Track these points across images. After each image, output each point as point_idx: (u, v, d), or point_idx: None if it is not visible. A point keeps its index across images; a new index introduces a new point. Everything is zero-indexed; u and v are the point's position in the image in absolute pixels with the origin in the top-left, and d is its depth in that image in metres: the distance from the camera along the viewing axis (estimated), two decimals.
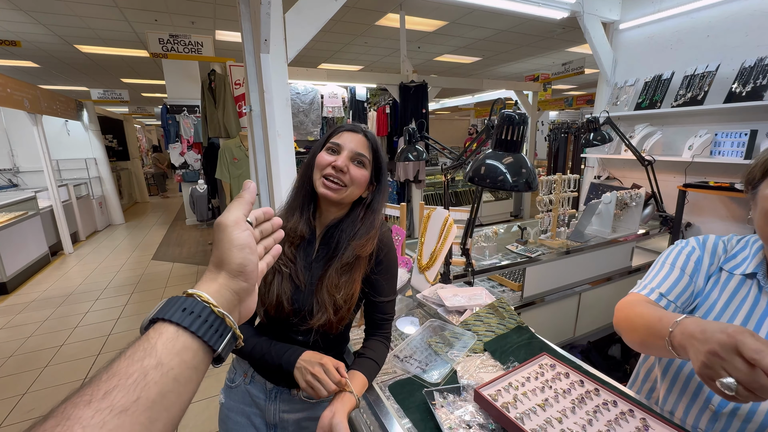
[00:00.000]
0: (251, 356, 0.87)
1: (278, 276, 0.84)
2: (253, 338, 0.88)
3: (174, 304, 0.37)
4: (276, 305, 0.84)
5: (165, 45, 4.02)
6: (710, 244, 0.84)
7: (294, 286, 0.85)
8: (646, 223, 2.43)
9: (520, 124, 0.83)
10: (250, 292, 0.43)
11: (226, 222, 0.41)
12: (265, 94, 1.48)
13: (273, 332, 0.90)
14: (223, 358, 0.39)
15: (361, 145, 0.85)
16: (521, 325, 1.12)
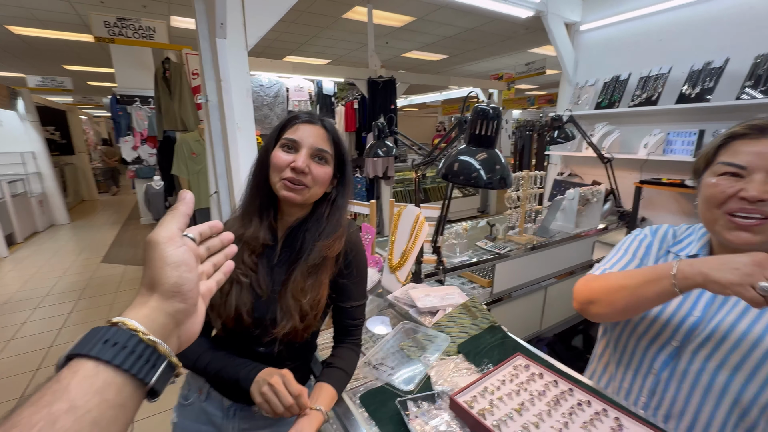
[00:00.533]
0: (206, 372, 0.79)
1: (236, 287, 0.76)
2: (209, 353, 0.80)
3: (94, 336, 0.32)
4: (235, 318, 0.76)
5: (112, 29, 3.68)
6: (661, 231, 0.91)
7: (255, 295, 0.78)
8: (605, 218, 2.54)
9: (494, 119, 0.80)
10: (190, 314, 0.39)
11: (157, 238, 0.37)
12: (223, 83, 1.36)
13: (232, 345, 0.82)
14: (158, 391, 0.35)
15: (321, 139, 0.77)
16: (494, 324, 1.10)
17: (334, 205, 0.83)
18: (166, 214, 0.40)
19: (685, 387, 0.72)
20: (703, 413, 0.70)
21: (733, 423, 0.67)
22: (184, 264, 0.37)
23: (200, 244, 0.44)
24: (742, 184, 0.67)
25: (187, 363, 0.79)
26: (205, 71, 1.49)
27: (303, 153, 0.75)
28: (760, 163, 0.66)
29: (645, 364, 0.79)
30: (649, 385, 0.78)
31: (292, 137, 0.75)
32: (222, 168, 1.56)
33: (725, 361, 0.68)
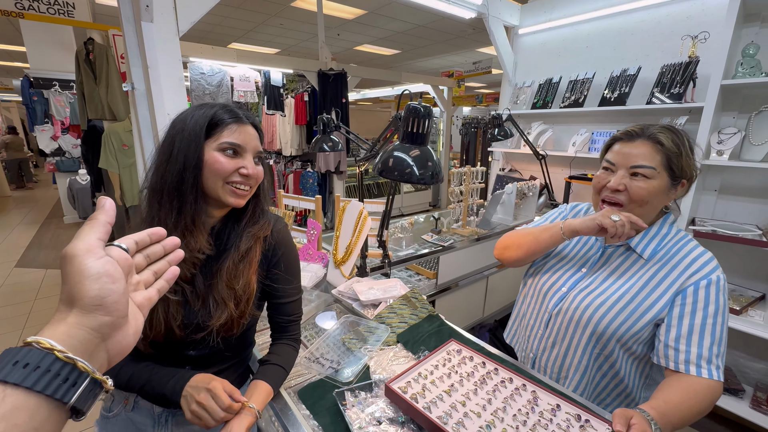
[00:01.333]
0: (129, 388, 0.74)
1: (162, 304, 0.71)
2: (129, 366, 0.75)
3: (4, 359, 0.31)
4: (165, 333, 0.72)
5: (20, 2, 3.24)
6: (577, 208, 1.13)
7: (187, 306, 0.75)
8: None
9: (425, 117, 0.83)
10: (118, 327, 0.37)
11: (74, 251, 0.35)
12: (150, 70, 1.26)
13: (159, 355, 0.78)
14: (82, 410, 0.33)
15: (257, 140, 0.77)
16: (432, 313, 1.15)
17: (258, 194, 0.82)
18: (84, 224, 0.38)
19: (566, 319, 0.96)
20: (574, 338, 0.94)
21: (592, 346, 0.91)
22: (106, 275, 0.35)
23: (139, 252, 0.42)
24: (610, 177, 0.89)
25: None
26: (131, 57, 1.37)
27: (249, 158, 0.74)
28: (623, 161, 0.87)
29: (543, 305, 1.02)
30: (545, 319, 1.01)
31: (235, 141, 0.72)
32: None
33: (592, 302, 0.91)
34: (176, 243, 0.46)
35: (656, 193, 0.85)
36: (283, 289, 0.85)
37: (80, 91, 3.51)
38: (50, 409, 0.31)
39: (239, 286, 0.76)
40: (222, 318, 0.74)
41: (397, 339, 1.04)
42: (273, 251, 0.84)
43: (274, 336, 0.89)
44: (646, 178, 0.84)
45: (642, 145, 0.85)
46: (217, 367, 0.84)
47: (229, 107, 0.75)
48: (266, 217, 0.83)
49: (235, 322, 0.77)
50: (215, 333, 0.75)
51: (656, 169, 0.84)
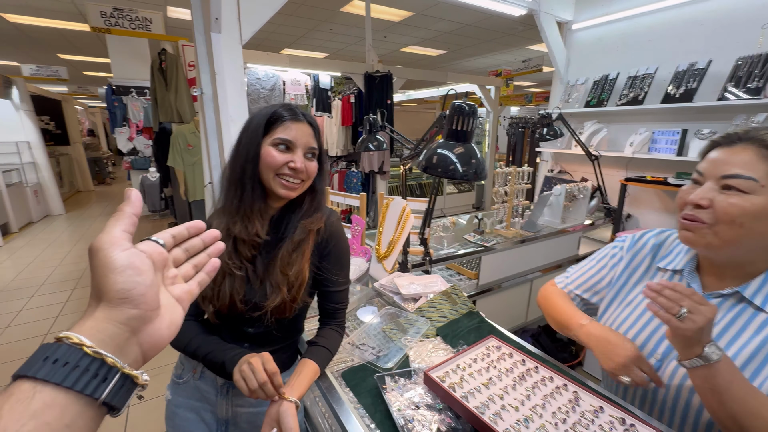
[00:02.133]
0: (195, 356, 0.84)
1: (229, 278, 0.81)
2: (199, 337, 0.85)
3: (38, 355, 0.30)
4: (229, 306, 0.82)
5: (108, 19, 3.68)
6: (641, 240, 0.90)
7: (248, 283, 0.83)
8: (592, 214, 2.60)
9: (470, 115, 0.85)
10: (148, 320, 0.36)
11: (98, 244, 0.34)
12: (217, 76, 1.41)
13: (223, 328, 0.88)
14: (116, 407, 0.32)
15: (311, 137, 0.82)
16: (472, 310, 1.16)
17: (315, 189, 0.88)
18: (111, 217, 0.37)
19: (669, 397, 0.75)
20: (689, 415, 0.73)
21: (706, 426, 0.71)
22: (131, 267, 0.34)
23: (177, 246, 0.42)
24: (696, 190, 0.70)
25: (178, 346, 0.85)
26: (200, 64, 1.52)
27: (299, 153, 0.80)
28: (713, 170, 0.68)
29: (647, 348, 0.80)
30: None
31: (286, 137, 0.79)
32: (216, 160, 1.60)
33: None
34: (216, 236, 0.45)
35: (757, 214, 0.62)
36: (333, 278, 0.91)
37: (153, 97, 3.92)
38: (82, 405, 0.30)
39: (292, 273, 0.83)
40: (276, 301, 0.82)
41: (437, 332, 1.06)
42: (325, 242, 0.90)
43: (321, 321, 0.96)
44: (742, 192, 0.64)
45: (742, 151, 0.66)
46: (270, 347, 0.92)
47: (288, 106, 0.83)
48: (321, 211, 0.89)
49: (287, 306, 0.84)
50: (269, 314, 0.83)
51: (759, 181, 0.63)
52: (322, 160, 0.88)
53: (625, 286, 0.89)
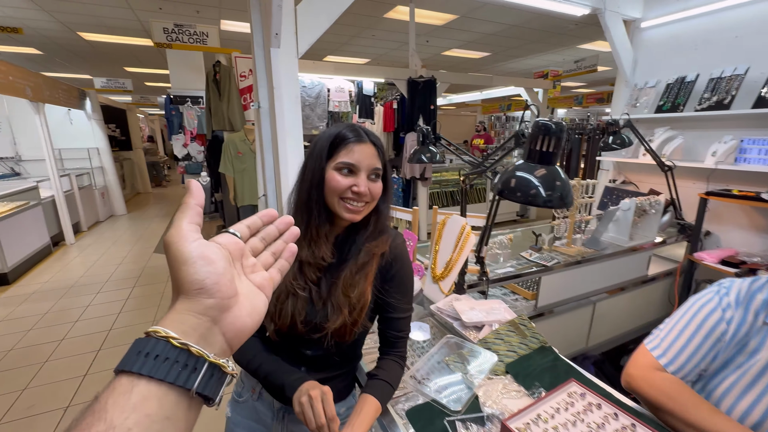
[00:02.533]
0: (256, 374, 0.83)
1: (293, 298, 0.79)
2: (261, 355, 0.84)
3: (132, 349, 0.31)
4: (289, 325, 0.80)
5: (170, 35, 3.93)
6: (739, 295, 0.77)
7: (311, 305, 0.81)
8: (663, 230, 2.35)
9: (557, 134, 0.76)
10: (226, 308, 0.36)
11: (169, 239, 0.35)
12: (275, 90, 1.41)
13: (283, 347, 0.86)
14: (210, 397, 0.33)
15: (374, 158, 0.79)
16: (544, 344, 1.05)
17: (379, 211, 0.85)
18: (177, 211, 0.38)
19: None
20: None
21: None
22: (201, 258, 0.35)
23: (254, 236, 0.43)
24: None
25: (241, 361, 0.85)
26: (259, 78, 1.54)
27: (362, 177, 0.77)
28: None
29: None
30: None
31: (350, 161, 0.76)
32: (270, 172, 1.61)
33: None
34: (289, 222, 0.45)
35: None
36: (395, 303, 0.86)
37: (207, 106, 4.12)
38: (177, 396, 0.31)
39: (354, 295, 0.80)
40: (337, 322, 0.78)
41: (506, 369, 0.97)
42: (389, 266, 0.86)
43: (382, 350, 0.90)
44: None
45: None
46: (327, 373, 0.88)
47: (352, 127, 0.80)
48: (386, 233, 0.85)
49: (348, 329, 0.80)
50: (329, 336, 0.80)
51: None
52: (386, 179, 0.84)
53: (739, 354, 0.75)
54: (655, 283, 2.30)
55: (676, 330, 0.82)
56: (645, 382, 0.78)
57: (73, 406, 2.16)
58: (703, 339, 0.77)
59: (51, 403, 2.19)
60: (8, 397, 2.23)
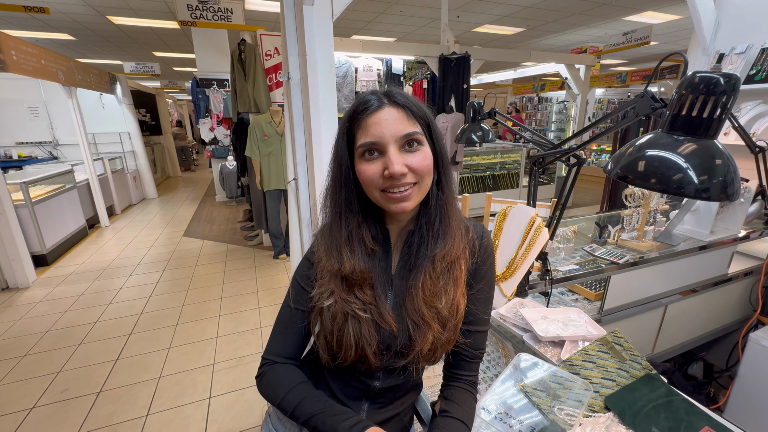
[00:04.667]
0: (294, 416, 0.63)
1: (353, 321, 0.60)
2: (301, 389, 0.64)
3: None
4: (356, 357, 0.61)
5: (194, 12, 3.79)
6: None
7: (380, 330, 0.62)
8: (749, 222, 2.03)
9: (726, 94, 0.52)
10: None
11: None
12: (308, 57, 1.21)
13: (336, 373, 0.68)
14: None
15: (402, 122, 0.58)
16: (650, 372, 0.84)
17: (440, 189, 0.64)
18: None
19: None
20: None
21: None
22: None
23: None
24: None
25: (272, 398, 0.66)
26: (288, 44, 1.35)
27: (392, 152, 0.57)
28: None
29: None
30: None
31: (370, 140, 0.58)
32: (302, 153, 1.44)
33: None
34: None
35: None
36: (478, 314, 0.67)
37: (233, 88, 3.98)
38: None
39: (443, 306, 0.62)
40: (427, 342, 0.61)
41: (605, 403, 0.76)
42: (477, 264, 0.67)
43: (449, 373, 0.72)
44: None
45: None
46: (392, 410, 0.70)
47: (368, 95, 0.61)
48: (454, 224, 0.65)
49: (441, 347, 0.63)
50: (419, 360, 0.62)
51: None
52: (436, 143, 0.62)
53: None
54: (733, 283, 2.00)
55: None
56: None
57: (104, 391, 2.14)
58: None
59: (84, 387, 2.18)
60: (44, 380, 2.24)
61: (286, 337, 0.68)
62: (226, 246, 4.51)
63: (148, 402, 2.07)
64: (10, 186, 3.52)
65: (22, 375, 2.28)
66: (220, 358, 2.43)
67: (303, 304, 0.67)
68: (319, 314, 0.63)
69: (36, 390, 2.15)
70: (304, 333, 0.68)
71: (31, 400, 2.08)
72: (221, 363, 2.38)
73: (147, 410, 2.01)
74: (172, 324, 2.82)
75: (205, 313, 2.97)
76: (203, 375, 2.27)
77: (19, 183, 3.67)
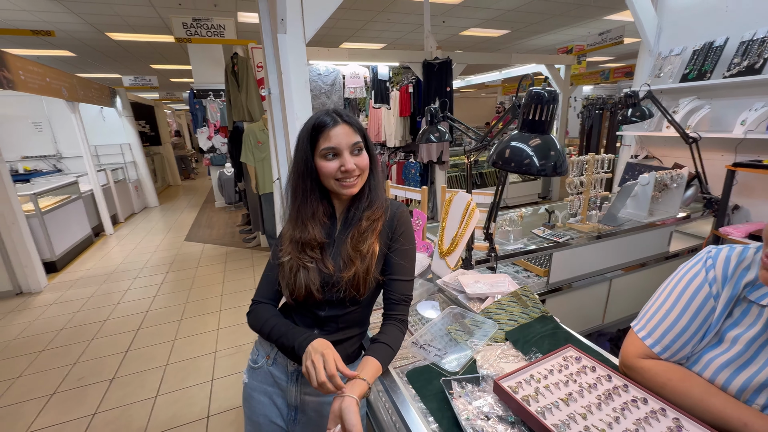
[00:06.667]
0: (269, 337, 0.91)
1: (303, 271, 0.88)
2: (274, 319, 0.92)
3: None
4: (306, 294, 0.88)
5: (189, 29, 4.05)
6: (725, 264, 0.72)
7: (322, 274, 0.89)
8: (687, 205, 2.26)
9: (550, 103, 0.76)
10: None
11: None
12: (283, 75, 1.46)
13: (297, 310, 0.94)
14: None
15: (352, 134, 0.86)
16: (546, 314, 1.07)
17: (371, 181, 0.93)
18: None
19: None
20: None
21: None
22: None
23: None
24: None
25: (255, 326, 0.93)
26: (268, 65, 1.59)
27: (346, 155, 0.85)
28: None
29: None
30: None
31: (330, 146, 0.84)
32: (283, 156, 1.68)
33: None
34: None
35: None
36: (400, 266, 0.93)
37: (228, 98, 4.24)
38: None
39: (363, 247, 0.88)
40: (350, 272, 0.87)
41: (506, 336, 1.00)
42: (394, 227, 0.93)
43: (385, 314, 0.96)
44: None
45: None
46: (338, 335, 0.94)
47: (325, 113, 0.87)
48: (380, 201, 0.93)
49: (361, 278, 0.88)
50: (345, 289, 0.87)
51: None
52: (369, 148, 0.91)
53: (722, 328, 0.71)
54: (678, 259, 2.23)
55: (663, 310, 0.76)
56: (636, 373, 0.76)
57: (117, 378, 2.37)
58: (691, 318, 0.72)
59: (98, 375, 2.41)
60: (62, 370, 2.47)
61: (267, 285, 0.96)
62: (225, 248, 4.75)
63: (156, 386, 2.30)
64: (21, 197, 3.76)
65: (42, 367, 2.52)
66: (221, 346, 2.66)
67: (277, 258, 0.94)
68: (281, 267, 0.90)
69: (55, 379, 2.39)
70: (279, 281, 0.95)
71: (51, 387, 2.31)
72: (222, 351, 2.61)
73: (156, 392, 2.24)
74: (177, 319, 3.06)
75: (207, 309, 3.21)
76: (206, 361, 2.51)
77: (29, 195, 3.92)
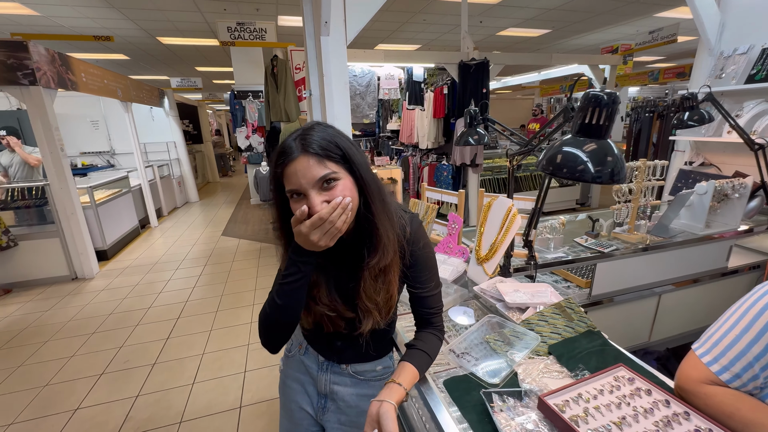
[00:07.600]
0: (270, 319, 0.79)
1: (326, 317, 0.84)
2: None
3: None
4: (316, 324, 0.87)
5: (233, 33, 4.23)
6: None
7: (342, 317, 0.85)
8: (750, 218, 2.07)
9: (609, 105, 0.72)
10: None
11: None
12: (324, 77, 1.48)
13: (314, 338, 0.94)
14: None
15: (314, 167, 0.66)
16: (593, 329, 1.01)
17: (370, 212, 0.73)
18: None
19: None
20: None
21: None
22: None
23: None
24: None
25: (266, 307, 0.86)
26: (310, 67, 1.62)
27: (312, 196, 0.66)
28: None
29: None
30: None
31: (292, 188, 0.67)
32: None
33: None
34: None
35: None
36: (425, 283, 0.87)
37: (266, 99, 4.38)
38: None
39: (380, 299, 0.79)
40: (369, 325, 0.82)
41: (549, 350, 0.95)
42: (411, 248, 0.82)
43: (418, 326, 0.94)
44: None
45: None
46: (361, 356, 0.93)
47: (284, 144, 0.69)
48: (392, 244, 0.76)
49: (382, 323, 0.83)
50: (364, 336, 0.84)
51: None
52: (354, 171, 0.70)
53: None
54: (737, 276, 2.05)
55: (733, 334, 0.68)
56: (698, 399, 0.69)
57: (158, 363, 2.51)
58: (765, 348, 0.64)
59: (142, 359, 2.56)
60: (109, 353, 2.65)
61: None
62: (259, 244, 4.90)
63: (194, 373, 2.41)
64: (79, 190, 4.07)
65: (93, 348, 2.71)
66: (253, 339, 2.74)
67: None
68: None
69: (104, 360, 2.56)
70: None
71: (100, 367, 2.48)
72: (254, 344, 2.69)
73: (193, 379, 2.35)
74: (213, 311, 3.19)
75: (241, 302, 3.32)
76: (239, 353, 2.60)
77: (87, 187, 4.24)
